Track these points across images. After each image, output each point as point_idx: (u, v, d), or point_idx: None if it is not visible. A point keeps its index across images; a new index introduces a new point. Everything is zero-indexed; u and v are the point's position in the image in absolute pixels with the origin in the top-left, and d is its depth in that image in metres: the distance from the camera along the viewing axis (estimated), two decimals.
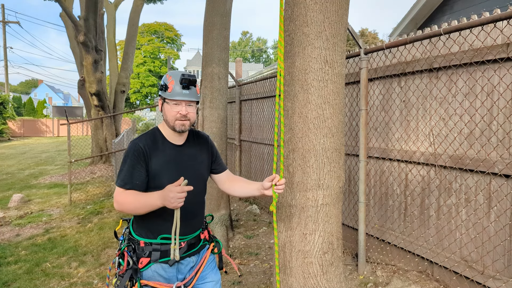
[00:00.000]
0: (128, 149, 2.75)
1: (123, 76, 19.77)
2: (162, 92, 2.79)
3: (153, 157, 2.73)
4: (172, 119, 2.78)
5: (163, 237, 2.78)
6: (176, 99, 2.76)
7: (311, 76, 3.22)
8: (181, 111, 2.77)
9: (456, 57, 4.56)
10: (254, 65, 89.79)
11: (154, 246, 2.78)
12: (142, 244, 2.79)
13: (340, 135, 3.35)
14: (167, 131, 2.86)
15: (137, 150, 2.71)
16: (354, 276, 5.39)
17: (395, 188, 5.50)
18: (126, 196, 2.67)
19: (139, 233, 2.83)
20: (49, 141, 37.18)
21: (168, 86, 2.77)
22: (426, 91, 5.01)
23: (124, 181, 2.69)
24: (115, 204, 2.72)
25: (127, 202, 2.66)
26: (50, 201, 11.48)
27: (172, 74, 2.82)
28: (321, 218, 3.30)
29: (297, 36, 3.25)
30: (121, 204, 2.69)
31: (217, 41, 7.00)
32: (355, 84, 6.10)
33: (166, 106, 2.80)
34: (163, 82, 2.80)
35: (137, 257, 2.78)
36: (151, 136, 2.83)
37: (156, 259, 2.77)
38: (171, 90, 2.76)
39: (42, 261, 6.64)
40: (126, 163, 2.71)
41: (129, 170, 2.69)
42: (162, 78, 2.87)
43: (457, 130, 4.64)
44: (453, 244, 4.69)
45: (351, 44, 31.00)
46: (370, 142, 5.83)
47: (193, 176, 2.87)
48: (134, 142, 2.74)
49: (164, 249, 2.79)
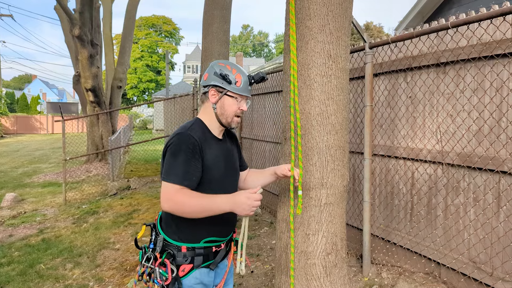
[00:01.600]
0: (179, 142, 2.60)
1: (120, 71, 19.75)
2: (225, 84, 2.72)
3: (206, 151, 2.66)
4: (232, 114, 2.76)
5: (206, 241, 2.72)
6: (244, 94, 2.76)
7: (314, 71, 3.22)
8: (243, 107, 2.78)
9: (464, 52, 4.55)
10: (255, 59, 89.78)
11: (197, 250, 2.70)
12: (184, 250, 2.68)
13: (344, 132, 3.35)
14: (213, 125, 2.81)
15: (192, 143, 2.59)
16: (359, 278, 5.40)
17: (401, 187, 5.50)
18: (185, 196, 2.53)
19: (178, 237, 2.71)
20: (43, 139, 37.19)
21: (236, 80, 2.73)
22: (433, 87, 5.01)
23: (181, 177, 2.54)
24: (167, 204, 2.54)
25: (188, 204, 2.52)
26: (44, 201, 11.49)
27: (234, 67, 2.78)
28: (325, 218, 3.30)
29: (299, 30, 3.25)
30: (179, 204, 2.53)
31: (217, 35, 7.01)
32: (360, 80, 6.10)
33: (228, 100, 2.75)
34: (224, 73, 2.72)
35: (177, 264, 2.67)
36: (200, 128, 2.74)
37: (199, 264, 2.70)
38: (240, 85, 2.73)
39: (36, 262, 6.65)
40: (179, 156, 2.56)
41: (185, 165, 2.55)
42: (217, 67, 2.77)
43: (465, 127, 4.63)
44: (461, 245, 4.70)
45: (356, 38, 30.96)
46: (375, 140, 5.83)
47: (235, 172, 2.93)
48: (186, 134, 2.61)
49: (206, 253, 2.73)
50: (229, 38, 7.54)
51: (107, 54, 20.78)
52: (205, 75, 2.82)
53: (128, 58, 20.29)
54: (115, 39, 53.63)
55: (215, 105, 2.76)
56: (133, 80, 71.89)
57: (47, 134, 44.93)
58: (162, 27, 79.31)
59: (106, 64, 20.79)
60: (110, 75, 20.20)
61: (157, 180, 13.68)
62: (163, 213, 2.83)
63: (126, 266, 6.31)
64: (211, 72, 2.77)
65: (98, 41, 18.10)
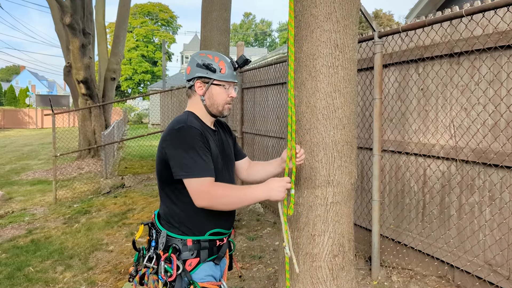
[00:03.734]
0: (186, 135, 2.62)
1: (114, 61, 19.74)
2: (210, 74, 2.76)
3: (209, 142, 2.72)
4: (222, 102, 2.82)
5: (211, 233, 2.79)
6: (231, 80, 2.82)
7: (320, 62, 3.21)
8: (232, 94, 2.84)
9: (479, 41, 4.54)
10: (257, 49, 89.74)
11: (202, 244, 2.76)
12: (190, 243, 2.73)
13: (351, 126, 3.35)
14: (204, 117, 2.87)
15: (199, 134, 2.64)
16: (367, 281, 5.41)
17: (412, 185, 5.50)
18: (220, 188, 2.61)
19: (182, 231, 2.75)
20: (32, 133, 37.24)
21: (221, 67, 2.77)
22: (446, 78, 5.00)
23: (206, 170, 2.59)
24: (203, 200, 2.57)
25: (226, 195, 2.60)
26: (33, 199, 11.51)
27: (215, 55, 2.83)
28: (331, 218, 3.30)
29: (304, 18, 3.24)
30: (218, 197, 2.59)
31: (217, 23, 7.00)
32: (368, 71, 6.09)
33: (216, 89, 2.80)
34: (206, 63, 2.76)
35: (183, 259, 2.72)
36: (196, 120, 2.80)
37: (205, 258, 2.76)
38: (224, 72, 2.78)
39: (24, 265, 6.66)
40: (194, 149, 2.59)
41: (204, 156, 2.61)
42: (198, 58, 2.81)
43: (481, 121, 4.63)
44: (476, 246, 4.70)
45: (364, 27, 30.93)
46: (385, 135, 5.83)
47: (231, 162, 3.01)
48: (189, 126, 2.64)
49: (210, 247, 2.79)
50: (230, 26, 7.53)
51: (100, 44, 20.76)
52: (188, 69, 2.86)
53: (122, 48, 20.28)
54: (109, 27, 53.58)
55: (203, 97, 2.82)
56: (127, 71, 71.84)
57: (36, 128, 45.01)
58: (159, 15, 79.28)
59: (99, 54, 20.78)
60: (103, 66, 20.18)
61: (153, 177, 13.69)
62: (162, 210, 2.87)
63: (120, 268, 6.31)
64: (193, 64, 2.82)
65: (91, 30, 18.07)
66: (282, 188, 2.63)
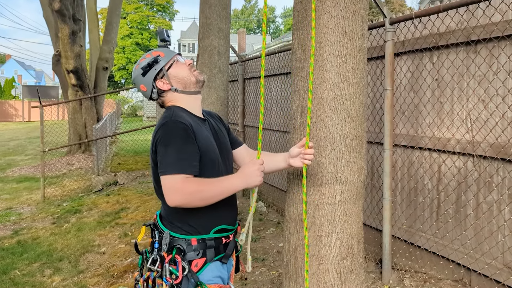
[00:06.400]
0: (169, 130, 2.67)
1: (106, 50, 19.74)
2: (158, 66, 2.86)
3: (198, 133, 2.75)
4: (188, 73, 2.92)
5: (216, 230, 2.81)
6: (174, 55, 2.93)
7: (327, 50, 3.21)
8: (186, 61, 2.96)
9: (498, 28, 4.53)
10: (260, 37, 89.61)
11: (208, 242, 2.78)
12: (195, 243, 2.75)
13: (361, 119, 3.35)
14: (190, 104, 2.93)
15: (182, 128, 2.66)
16: (378, 285, 5.42)
17: (426, 182, 5.50)
18: (194, 184, 2.60)
19: (186, 231, 2.77)
20: (18, 127, 37.31)
21: (158, 55, 2.89)
22: (463, 68, 4.99)
23: (184, 166, 2.60)
24: (176, 197, 2.58)
25: (201, 190, 2.60)
26: (19, 198, 11.55)
27: (146, 53, 2.99)
28: (339, 218, 3.30)
29: (310, 3, 3.24)
30: (191, 194, 2.58)
31: (216, 9, 6.99)
32: (379, 60, 6.08)
33: (174, 70, 2.90)
34: (146, 64, 2.87)
35: (188, 260, 2.73)
36: (183, 112, 2.84)
37: (211, 257, 2.78)
38: (164, 55, 2.90)
39: (10, 268, 6.68)
40: (176, 145, 2.63)
41: (183, 152, 2.63)
42: (139, 69, 2.92)
43: (499, 114, 4.62)
44: (495, 248, 4.70)
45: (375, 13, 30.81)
46: (397, 128, 5.83)
47: (228, 152, 3.07)
48: (172, 121, 2.69)
49: (216, 245, 2.82)
50: (230, 12, 7.52)
51: (92, 31, 20.77)
52: (141, 86, 2.95)
53: (115, 36, 20.30)
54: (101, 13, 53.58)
55: (173, 87, 2.90)
56: (121, 61, 71.83)
57: (23, 122, 45.08)
58: (154, 0, 79.19)
59: (90, 42, 20.81)
60: (94, 55, 20.20)
61: (147, 174, 13.70)
62: (163, 210, 2.89)
63: (112, 272, 6.32)
64: (140, 78, 2.92)
65: (81, 16, 18.05)
66: (258, 171, 2.65)
